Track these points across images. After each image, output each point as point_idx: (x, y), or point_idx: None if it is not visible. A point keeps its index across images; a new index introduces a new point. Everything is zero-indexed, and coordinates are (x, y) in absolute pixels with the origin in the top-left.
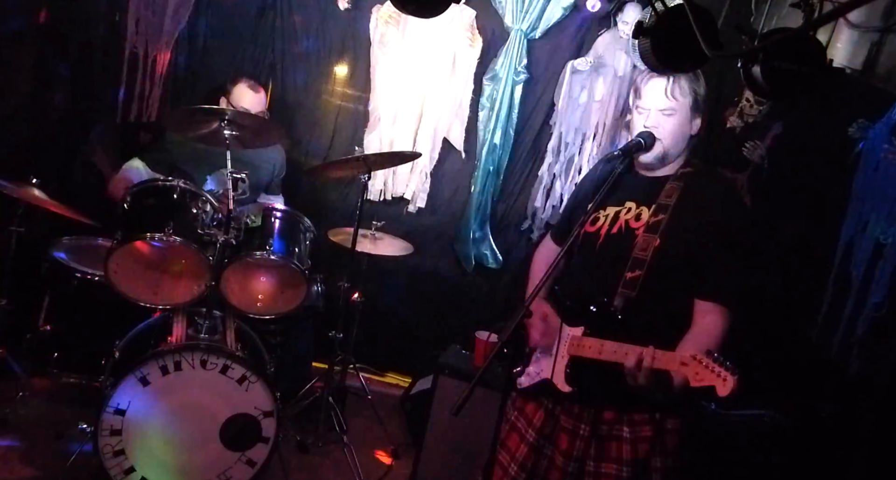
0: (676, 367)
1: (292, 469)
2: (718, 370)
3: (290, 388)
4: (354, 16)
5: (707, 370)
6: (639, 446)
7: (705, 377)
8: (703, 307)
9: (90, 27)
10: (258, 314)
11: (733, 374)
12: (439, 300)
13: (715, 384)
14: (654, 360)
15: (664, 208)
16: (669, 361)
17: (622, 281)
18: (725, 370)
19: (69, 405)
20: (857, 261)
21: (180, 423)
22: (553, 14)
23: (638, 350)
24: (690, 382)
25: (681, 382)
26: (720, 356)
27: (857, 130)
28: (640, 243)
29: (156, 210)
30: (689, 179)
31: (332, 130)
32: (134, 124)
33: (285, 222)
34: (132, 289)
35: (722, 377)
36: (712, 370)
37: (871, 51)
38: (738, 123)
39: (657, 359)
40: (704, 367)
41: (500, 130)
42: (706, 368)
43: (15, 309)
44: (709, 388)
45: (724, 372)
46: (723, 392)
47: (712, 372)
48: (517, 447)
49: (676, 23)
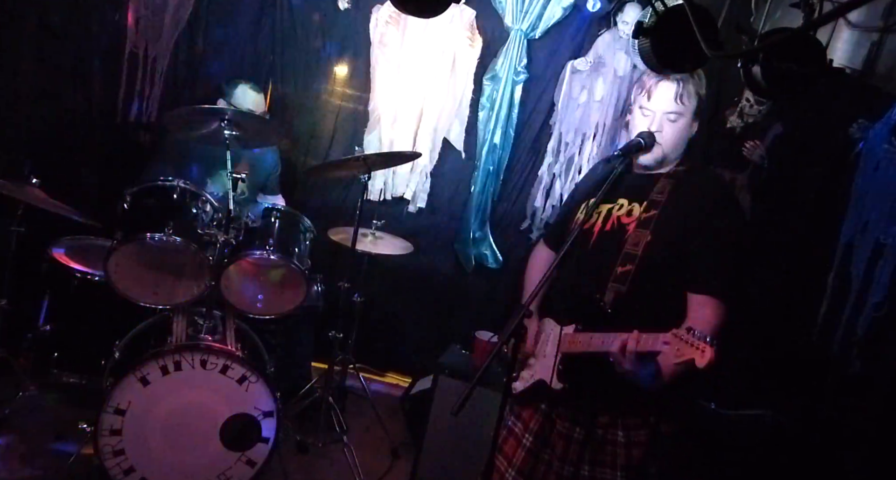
0: (660, 347)
1: (292, 469)
2: (697, 343)
3: (290, 388)
4: (354, 16)
5: (686, 344)
6: (633, 450)
7: (685, 351)
8: (696, 300)
9: (90, 27)
10: (258, 314)
11: (711, 345)
12: (439, 300)
13: (694, 357)
14: (638, 343)
15: (656, 204)
16: (654, 342)
17: (613, 276)
18: (703, 342)
19: (69, 406)
20: (857, 261)
21: (180, 423)
22: (553, 14)
23: (623, 336)
24: (672, 359)
25: (668, 365)
26: (699, 332)
27: (857, 130)
28: (632, 238)
29: (156, 210)
30: (681, 175)
31: (332, 130)
32: (134, 124)
33: (285, 222)
34: (132, 289)
35: (700, 349)
36: (691, 343)
37: (871, 51)
38: (738, 123)
39: (641, 342)
40: (684, 342)
41: (500, 130)
42: (685, 342)
43: (15, 309)
44: (689, 363)
45: (703, 344)
46: (701, 363)
47: (691, 346)
48: (514, 452)
49: (676, 23)
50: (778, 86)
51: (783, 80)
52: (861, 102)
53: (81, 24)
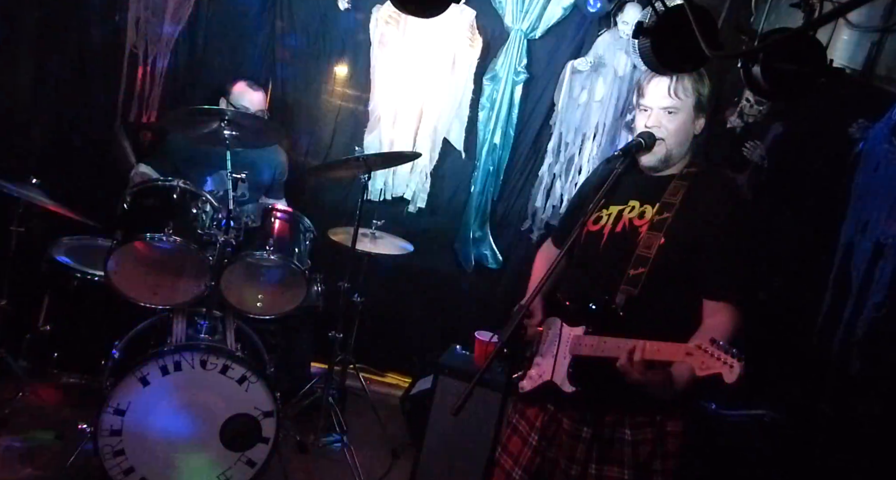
0: (682, 357)
1: (292, 469)
2: (724, 358)
3: (290, 388)
4: (354, 16)
5: (713, 357)
6: (640, 448)
7: (711, 365)
8: (711, 306)
9: (90, 27)
10: (258, 314)
11: (739, 360)
12: (439, 300)
13: (722, 372)
14: (644, 352)
15: (669, 207)
16: (675, 352)
17: (625, 278)
18: (731, 356)
19: (69, 406)
20: (857, 261)
21: (180, 423)
22: (553, 14)
23: (631, 344)
24: (697, 371)
25: (686, 375)
26: (724, 343)
27: (857, 130)
28: (644, 241)
29: (156, 210)
30: (694, 178)
31: (332, 130)
32: (134, 124)
33: (285, 223)
34: (132, 289)
35: (728, 364)
36: (717, 357)
37: (871, 51)
38: (738, 123)
39: (660, 351)
40: (710, 355)
41: (500, 130)
42: (711, 356)
43: (15, 309)
44: (715, 377)
45: (731, 359)
46: (730, 379)
47: (718, 359)
48: (520, 451)
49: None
50: (778, 86)
51: (783, 80)
52: (861, 102)
53: (81, 24)
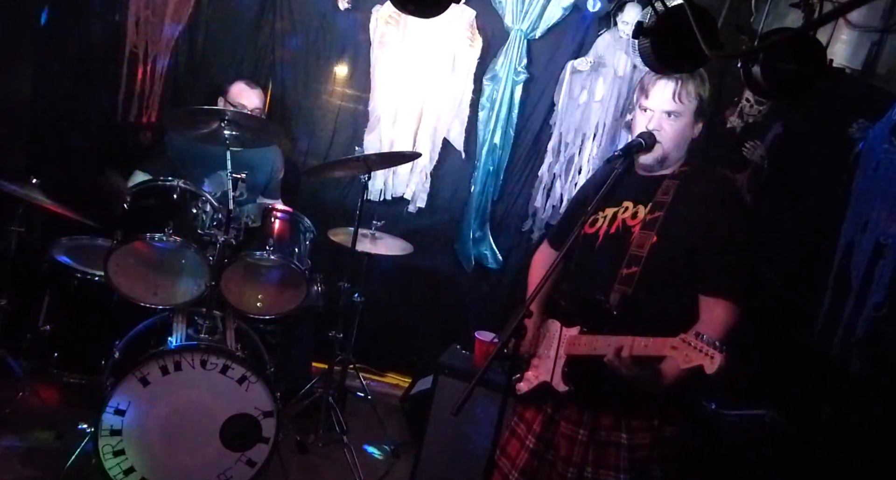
0: (668, 352)
1: (292, 469)
2: (706, 349)
3: (290, 388)
4: (354, 16)
5: (695, 350)
6: (636, 453)
7: (694, 357)
8: (708, 302)
9: (90, 27)
10: (258, 314)
11: (721, 352)
12: (439, 300)
13: (703, 363)
14: (632, 349)
15: (661, 206)
16: (661, 347)
17: (618, 278)
18: (713, 348)
19: (69, 405)
20: (857, 261)
21: (180, 423)
22: (553, 14)
23: (621, 341)
24: (681, 364)
25: (674, 369)
26: (708, 337)
27: (857, 130)
28: (637, 240)
29: (156, 210)
30: (686, 176)
31: (332, 130)
32: (134, 124)
33: (285, 222)
34: (132, 289)
35: (710, 356)
36: (700, 349)
37: (871, 51)
38: (738, 123)
39: (647, 346)
40: (693, 348)
41: (500, 130)
42: (695, 348)
43: (15, 309)
44: (698, 368)
45: (712, 350)
46: (710, 370)
47: (700, 351)
48: (518, 453)
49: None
50: (778, 86)
51: (783, 80)
52: (861, 102)
53: (81, 24)
